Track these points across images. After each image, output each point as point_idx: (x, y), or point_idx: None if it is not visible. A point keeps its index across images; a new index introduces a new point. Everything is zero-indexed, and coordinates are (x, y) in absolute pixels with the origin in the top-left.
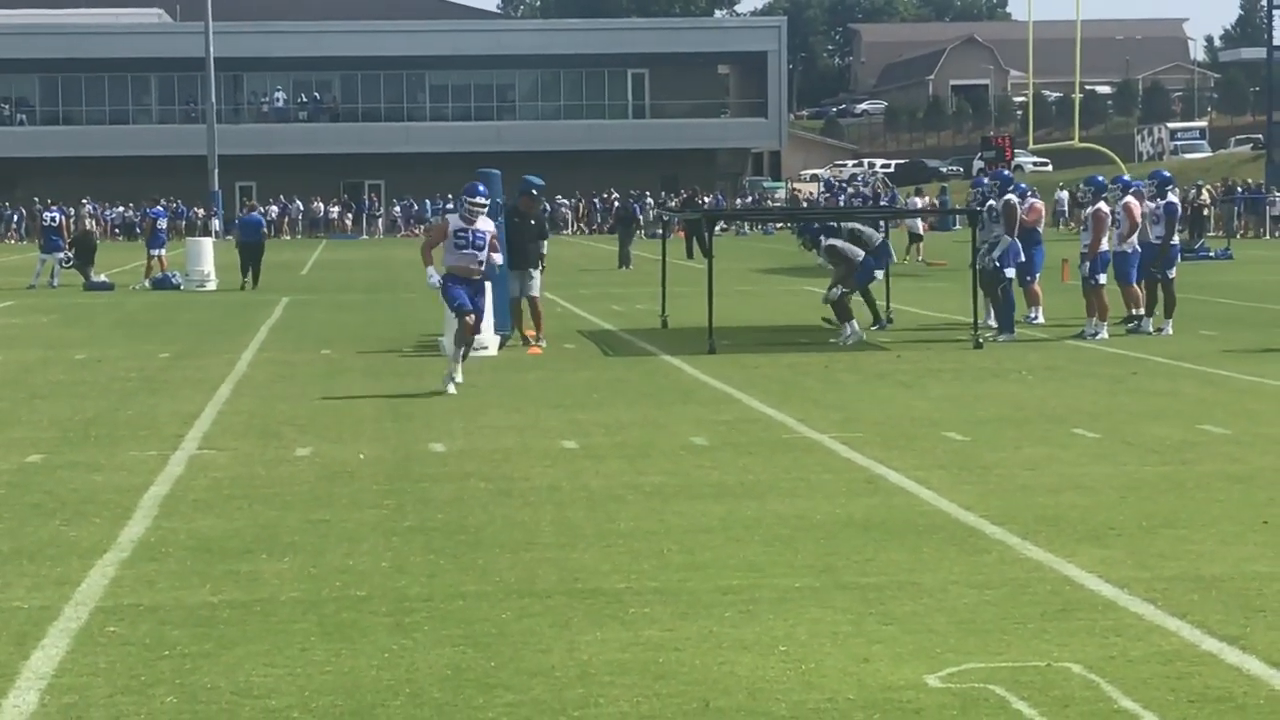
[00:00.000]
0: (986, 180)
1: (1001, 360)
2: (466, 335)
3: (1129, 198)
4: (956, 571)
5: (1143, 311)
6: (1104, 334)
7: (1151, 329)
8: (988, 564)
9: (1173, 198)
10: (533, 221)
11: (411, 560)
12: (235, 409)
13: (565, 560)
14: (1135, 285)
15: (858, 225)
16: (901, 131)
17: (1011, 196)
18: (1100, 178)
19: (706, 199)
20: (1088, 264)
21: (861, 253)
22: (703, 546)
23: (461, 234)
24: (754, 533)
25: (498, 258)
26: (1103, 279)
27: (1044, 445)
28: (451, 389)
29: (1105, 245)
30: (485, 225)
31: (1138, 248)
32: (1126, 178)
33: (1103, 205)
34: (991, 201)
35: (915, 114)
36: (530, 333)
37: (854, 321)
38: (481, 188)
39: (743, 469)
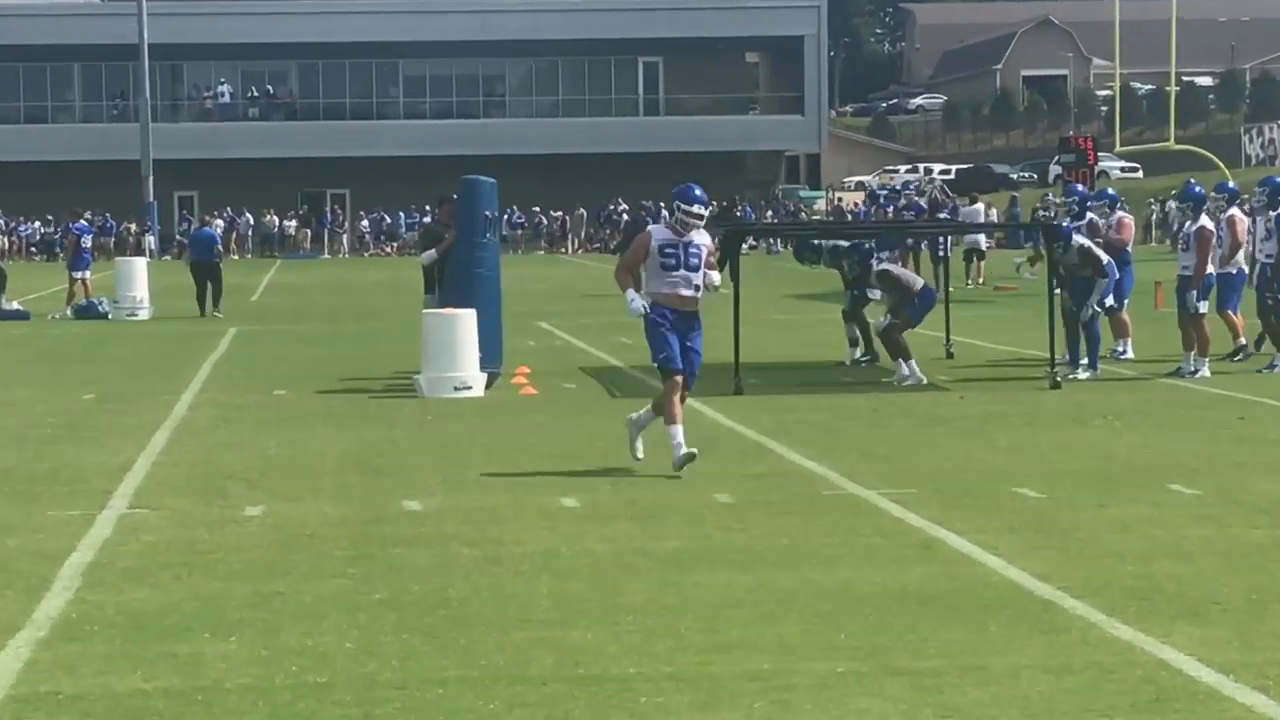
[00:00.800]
0: (1082, 188)
1: (1083, 403)
2: (670, 402)
3: (1234, 210)
4: (1029, 654)
5: (1243, 342)
6: (1205, 371)
7: (1245, 357)
8: (1067, 645)
9: None
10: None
11: (382, 640)
12: (173, 460)
13: (564, 640)
14: (1236, 313)
15: (890, 267)
16: (963, 131)
17: (1125, 215)
18: (1198, 187)
19: (738, 211)
20: (1193, 291)
21: (920, 280)
22: (728, 624)
23: (670, 250)
24: (789, 608)
25: (715, 276)
26: (1204, 307)
27: (1134, 504)
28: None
29: (1209, 267)
30: (701, 238)
31: (1244, 268)
32: (1231, 185)
33: (1207, 222)
34: (1093, 217)
35: (979, 110)
36: (525, 371)
37: (912, 361)
38: (699, 191)
39: (775, 532)
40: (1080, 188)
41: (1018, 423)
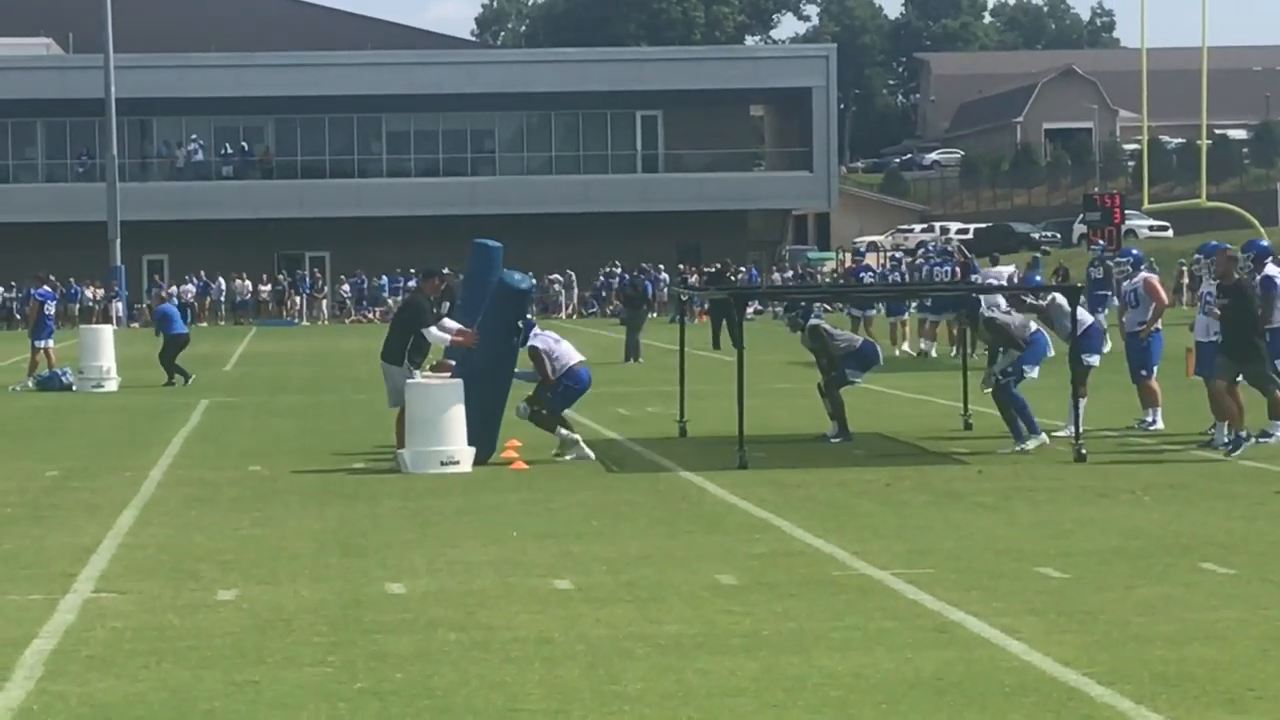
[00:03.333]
0: (1137, 252)
1: (1110, 476)
2: None
3: (1271, 267)
4: None
5: None
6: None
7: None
8: None
9: None
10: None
11: None
12: (141, 541)
13: None
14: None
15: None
16: (982, 187)
17: (1151, 276)
18: (1226, 246)
19: (739, 273)
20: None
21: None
22: (731, 714)
23: None
24: (796, 696)
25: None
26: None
27: (1164, 584)
28: None
29: None
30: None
31: None
32: (1265, 243)
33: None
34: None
35: (999, 165)
36: (515, 444)
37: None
38: None
39: (781, 615)
40: (1136, 251)
41: (1040, 498)
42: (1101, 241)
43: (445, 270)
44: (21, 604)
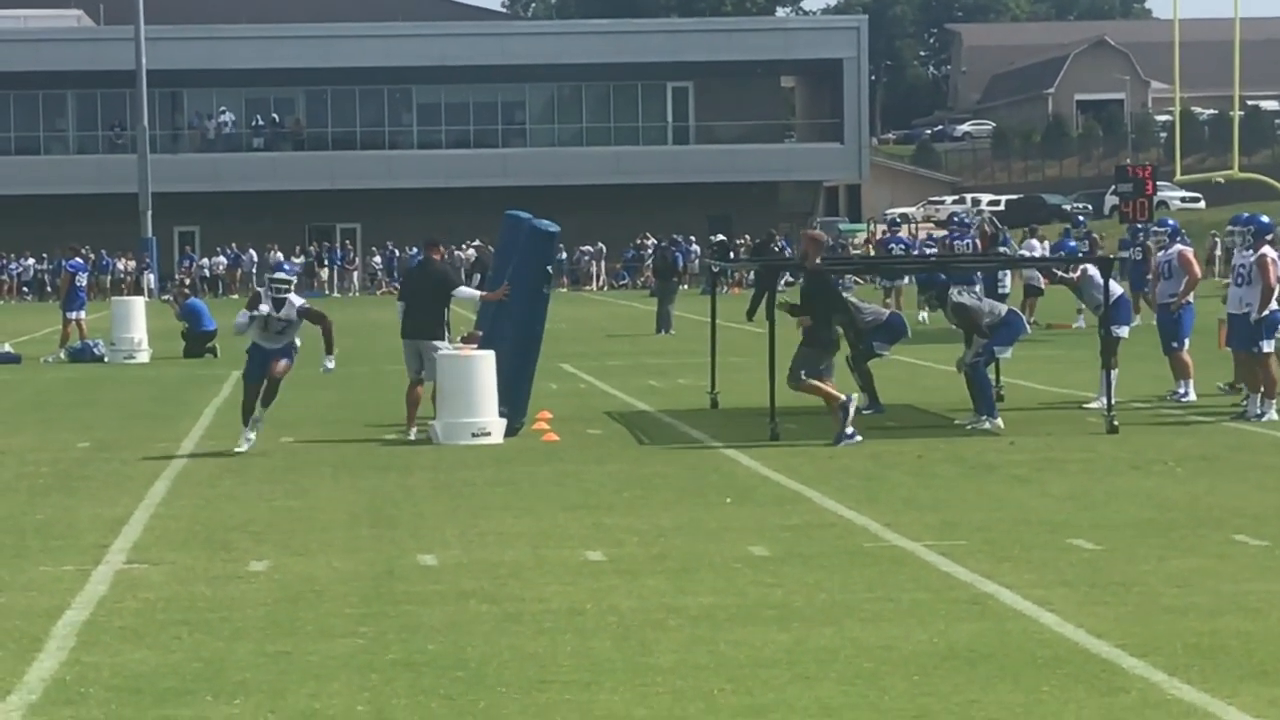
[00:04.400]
0: (1173, 221)
1: (1142, 448)
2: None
3: (1269, 249)
4: (1085, 716)
5: None
6: (1272, 414)
7: None
8: (1126, 706)
9: None
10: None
11: (395, 703)
12: (172, 512)
13: (590, 703)
14: None
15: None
16: (1013, 159)
17: (1186, 249)
18: (1263, 217)
19: (777, 244)
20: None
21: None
22: (763, 685)
23: None
24: (828, 668)
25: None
26: (1269, 346)
27: (1196, 556)
28: None
29: (1275, 303)
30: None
31: None
32: (1265, 219)
33: (1269, 250)
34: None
35: (1030, 137)
36: (547, 416)
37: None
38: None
39: (813, 586)
40: (1172, 222)
41: (1072, 469)
42: (1138, 224)
43: (477, 242)
44: (54, 575)
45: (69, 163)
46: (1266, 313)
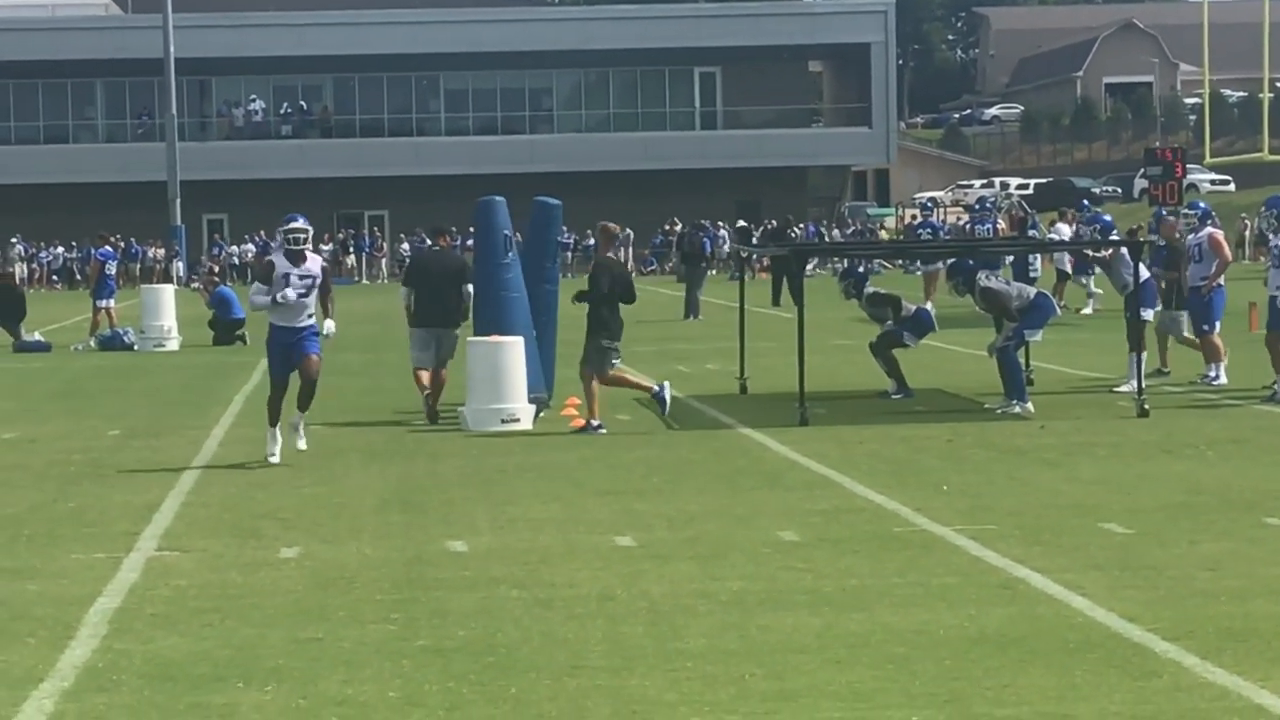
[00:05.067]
0: (1204, 204)
1: (1173, 432)
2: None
3: (1210, 228)
4: (1118, 700)
5: None
6: None
7: None
8: (1158, 690)
9: None
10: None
11: (426, 689)
12: (203, 500)
13: (620, 688)
14: None
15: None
16: (1042, 143)
17: (1216, 231)
18: None
19: (798, 229)
20: None
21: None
22: (794, 670)
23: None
24: (859, 653)
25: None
26: None
27: (1228, 539)
28: None
29: None
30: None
31: None
32: (1204, 205)
33: None
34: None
35: (1059, 120)
36: (575, 402)
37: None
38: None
39: (844, 571)
40: (1203, 204)
41: (1103, 453)
42: (1164, 209)
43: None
44: (86, 562)
45: (98, 151)
46: None
